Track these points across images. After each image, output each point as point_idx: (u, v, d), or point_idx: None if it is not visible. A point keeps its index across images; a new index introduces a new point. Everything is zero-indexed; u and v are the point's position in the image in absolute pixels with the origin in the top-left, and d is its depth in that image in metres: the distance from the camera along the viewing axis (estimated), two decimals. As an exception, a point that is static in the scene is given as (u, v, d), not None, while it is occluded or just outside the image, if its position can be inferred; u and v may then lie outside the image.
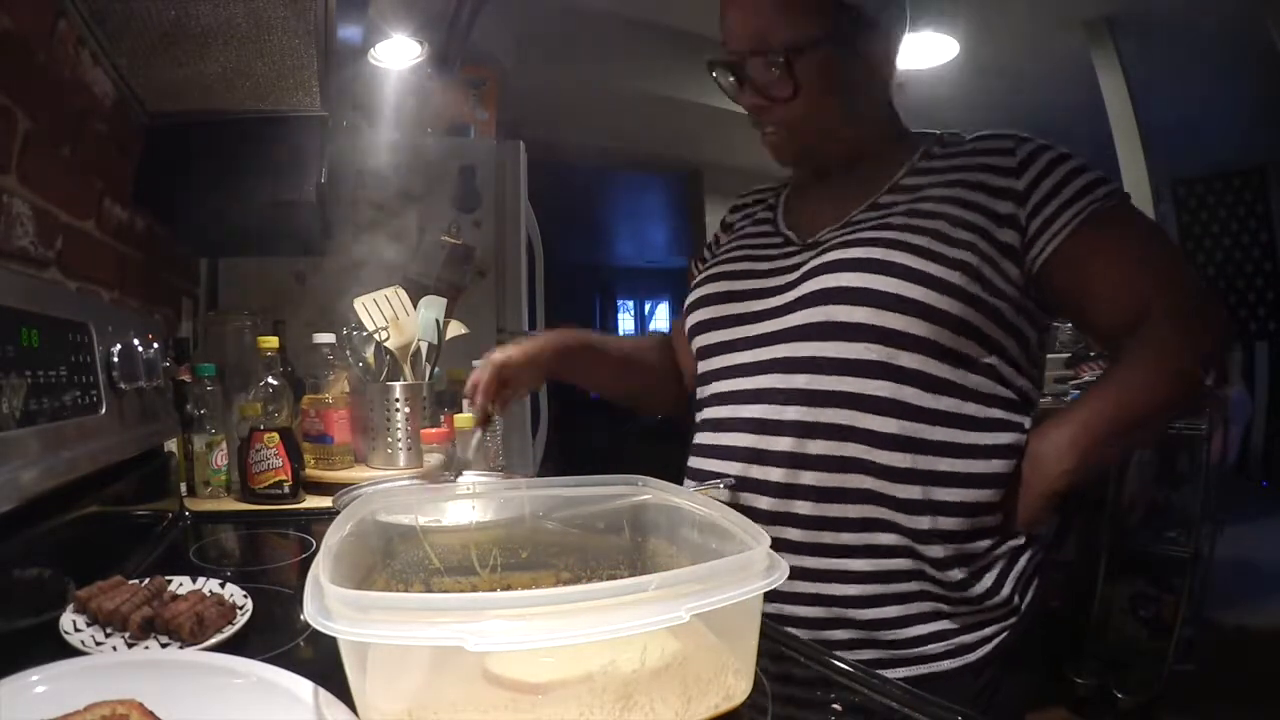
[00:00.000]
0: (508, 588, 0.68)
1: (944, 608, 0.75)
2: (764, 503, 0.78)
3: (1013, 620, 0.78)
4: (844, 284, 0.76)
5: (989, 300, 0.75)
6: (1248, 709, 1.93)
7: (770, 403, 0.79)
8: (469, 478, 1.08)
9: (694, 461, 0.88)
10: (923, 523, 0.74)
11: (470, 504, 0.74)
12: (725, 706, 0.50)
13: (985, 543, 0.76)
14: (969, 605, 0.76)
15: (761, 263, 0.87)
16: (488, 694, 0.48)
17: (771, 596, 0.76)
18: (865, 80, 0.83)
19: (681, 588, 0.45)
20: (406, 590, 0.66)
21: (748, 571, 0.48)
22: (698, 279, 0.94)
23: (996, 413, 0.77)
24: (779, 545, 0.74)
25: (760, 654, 0.53)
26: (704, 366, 0.89)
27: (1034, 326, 0.80)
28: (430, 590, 0.67)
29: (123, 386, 0.84)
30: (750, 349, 0.83)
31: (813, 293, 0.78)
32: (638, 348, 1.08)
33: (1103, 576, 2.24)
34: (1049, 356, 0.98)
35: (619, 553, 0.71)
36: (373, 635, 0.42)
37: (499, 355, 0.92)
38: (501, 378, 0.92)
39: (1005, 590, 0.77)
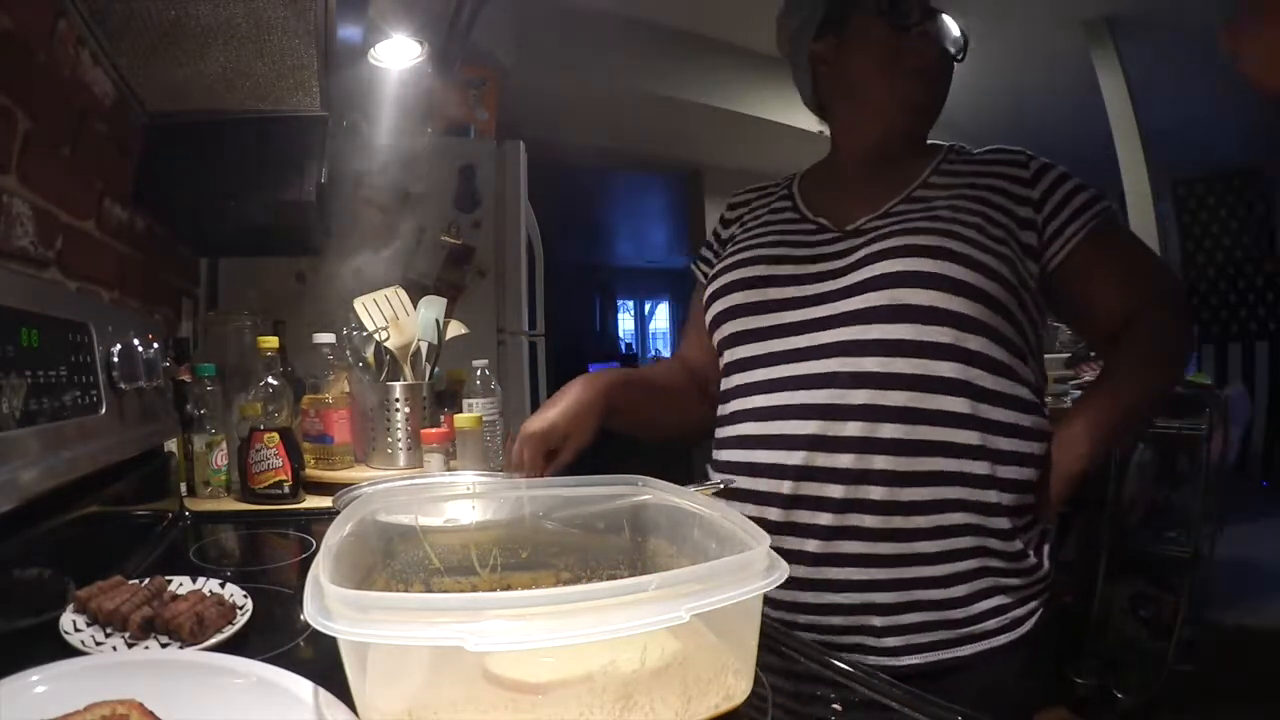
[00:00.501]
0: (508, 588, 0.68)
1: (1002, 581, 0.78)
2: (836, 490, 0.77)
3: (1048, 594, 0.83)
4: (914, 268, 0.77)
5: (1022, 293, 0.81)
6: (1248, 709, 1.93)
7: (836, 387, 0.78)
8: (469, 478, 1.08)
9: (735, 454, 0.85)
10: (990, 496, 0.76)
11: (470, 504, 0.74)
12: (725, 706, 0.50)
13: (1028, 519, 0.81)
14: (1021, 578, 0.79)
15: (799, 248, 0.86)
16: (488, 694, 0.48)
17: (846, 587, 0.78)
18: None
19: (681, 588, 0.45)
20: (406, 590, 0.66)
21: (748, 571, 0.48)
22: (720, 267, 0.92)
23: (1034, 397, 0.82)
24: (850, 533, 0.77)
25: (760, 654, 0.53)
26: (735, 354, 0.88)
27: (1042, 323, 0.86)
28: (430, 590, 0.67)
29: (123, 386, 0.84)
30: (800, 334, 0.82)
31: (877, 276, 0.79)
32: (669, 372, 1.02)
33: (1103, 576, 2.24)
34: (1048, 356, 1.03)
35: (619, 553, 0.71)
36: (373, 635, 0.42)
37: (538, 425, 0.81)
38: (543, 448, 0.81)
39: (1046, 564, 0.82)
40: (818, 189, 0.94)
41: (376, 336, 1.39)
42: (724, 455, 0.87)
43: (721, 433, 0.89)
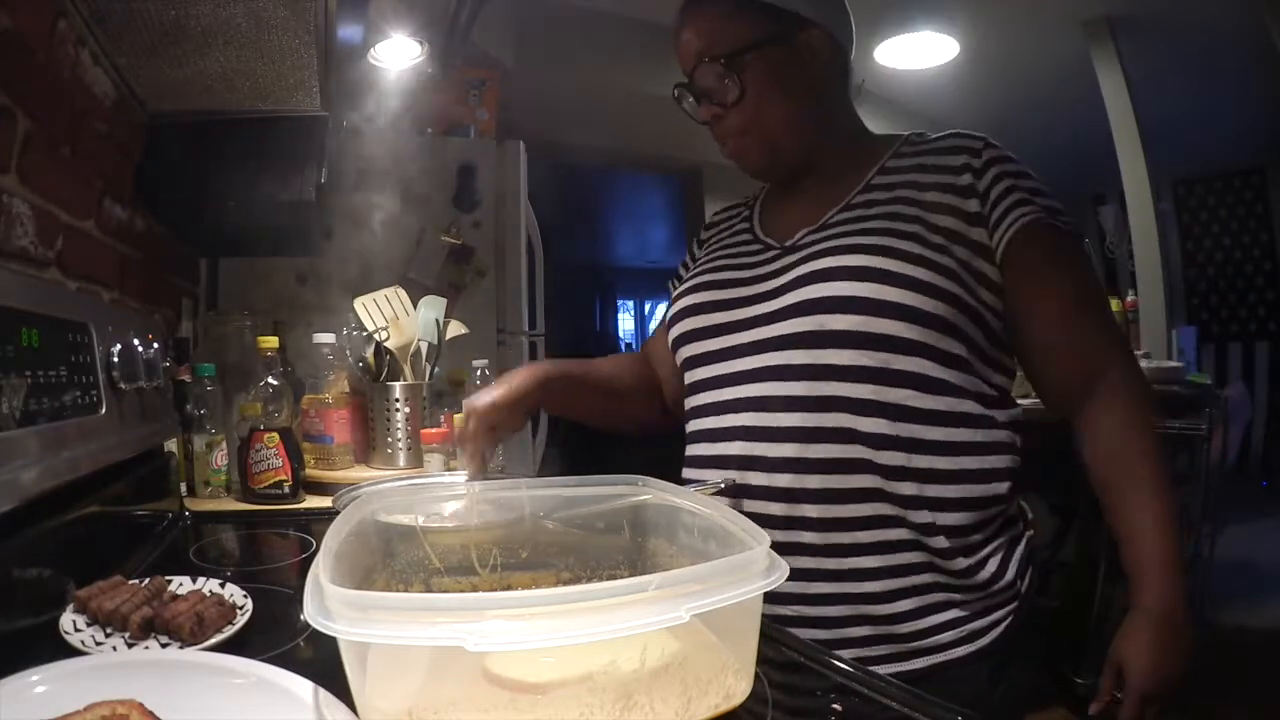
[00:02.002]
0: (508, 588, 0.68)
1: (955, 596, 0.77)
2: (773, 508, 0.78)
3: (1015, 604, 0.80)
4: (833, 293, 0.77)
5: (968, 300, 0.77)
6: (1248, 709, 1.93)
7: (767, 410, 0.79)
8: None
9: (687, 472, 0.88)
10: (922, 516, 0.75)
11: (470, 504, 0.74)
12: (725, 706, 0.50)
13: (984, 534, 0.78)
14: (977, 592, 0.78)
15: (743, 270, 0.88)
16: (488, 694, 0.48)
17: (790, 599, 0.78)
18: (815, 80, 0.85)
19: (681, 588, 0.45)
20: (406, 590, 0.66)
21: (748, 571, 0.48)
22: (678, 290, 0.95)
23: (986, 410, 0.79)
24: (792, 548, 0.76)
25: (760, 654, 0.53)
26: (691, 377, 0.90)
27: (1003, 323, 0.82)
28: (430, 590, 0.67)
29: (123, 386, 0.84)
30: (741, 357, 0.83)
31: (801, 302, 0.79)
32: (617, 368, 1.06)
33: (1103, 576, 2.24)
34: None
35: (619, 553, 0.71)
36: (373, 635, 0.42)
37: (482, 401, 0.86)
38: (488, 423, 0.87)
39: (1009, 574, 0.79)
40: (774, 203, 0.95)
41: (376, 336, 1.39)
42: (684, 473, 0.89)
43: (686, 450, 0.91)
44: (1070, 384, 0.81)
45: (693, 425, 0.89)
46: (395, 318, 1.42)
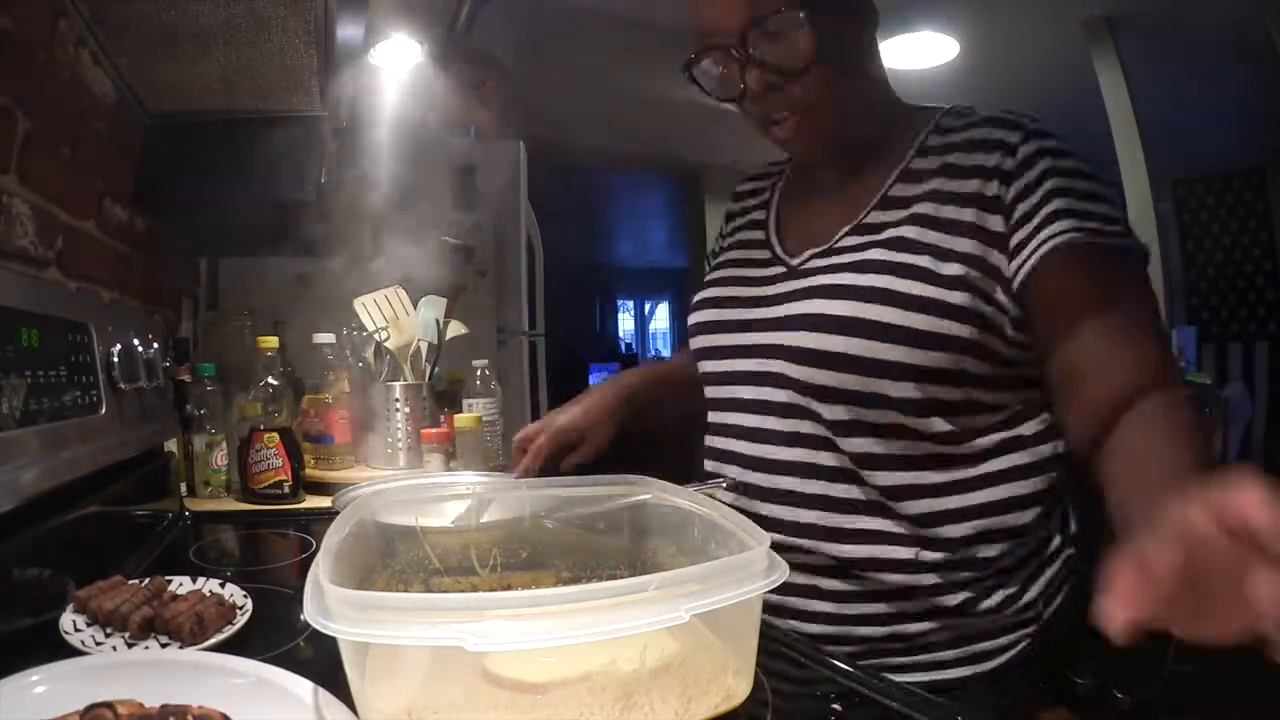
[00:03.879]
0: (508, 588, 0.68)
1: (952, 621, 0.74)
2: (777, 510, 0.77)
3: (1034, 627, 0.75)
4: (818, 340, 0.73)
5: (977, 339, 0.71)
6: (1248, 709, 1.93)
7: (770, 414, 0.79)
8: (469, 477, 1.08)
9: (707, 464, 0.88)
10: (904, 553, 0.73)
11: (470, 504, 0.74)
12: (725, 707, 0.50)
13: (991, 566, 0.74)
14: (985, 617, 0.74)
15: (751, 287, 0.85)
16: (488, 694, 0.48)
17: (788, 614, 0.76)
18: (867, 51, 0.77)
19: (681, 588, 0.45)
20: (406, 590, 0.66)
21: (748, 571, 0.48)
22: (696, 298, 0.92)
23: (994, 437, 0.74)
24: (793, 550, 0.75)
25: (760, 654, 0.53)
26: (704, 368, 0.89)
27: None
28: (430, 590, 0.67)
29: (123, 386, 0.84)
30: (745, 358, 0.82)
31: (796, 319, 0.77)
32: (686, 359, 0.98)
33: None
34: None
35: (619, 553, 0.71)
36: (373, 635, 0.42)
37: (560, 420, 0.87)
38: (559, 442, 0.86)
39: (1027, 596, 0.75)
40: (791, 199, 0.90)
41: (376, 336, 1.39)
42: (706, 465, 0.88)
43: (705, 441, 0.90)
44: (1097, 413, 0.65)
45: (710, 417, 0.88)
46: (395, 318, 1.42)
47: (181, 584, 0.70)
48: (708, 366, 0.87)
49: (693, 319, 0.91)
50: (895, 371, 0.70)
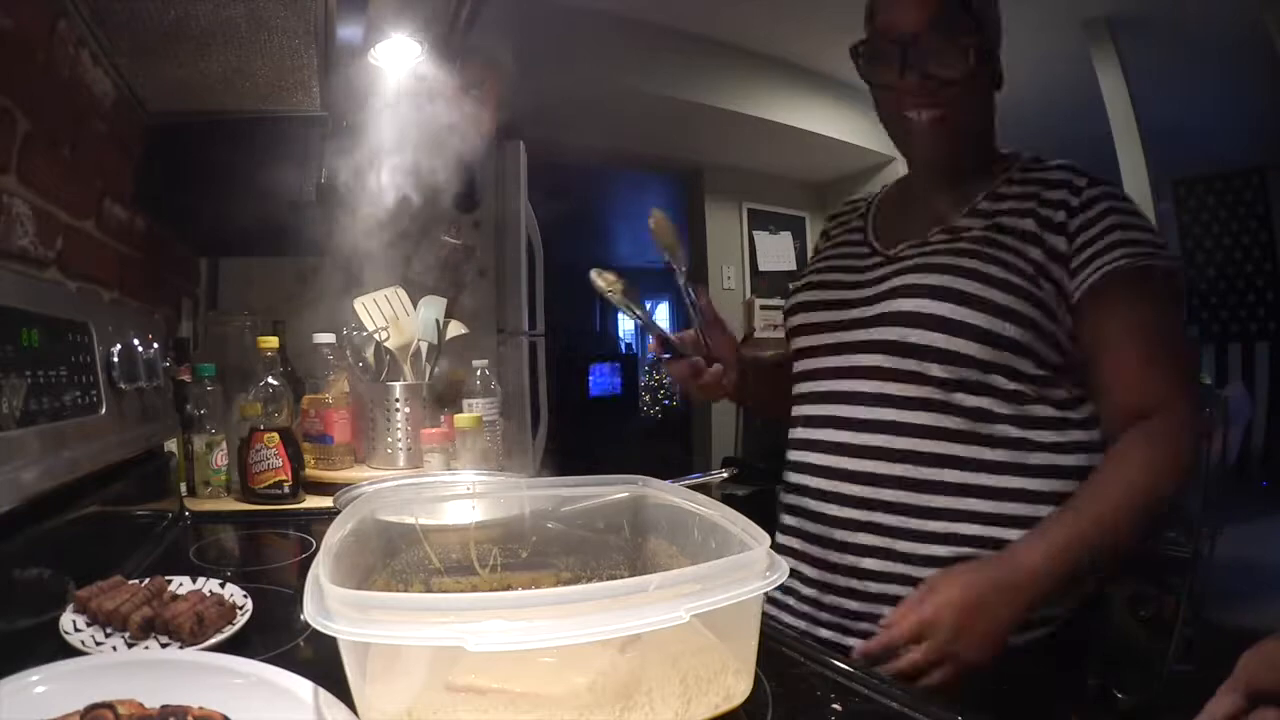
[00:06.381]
0: (508, 588, 0.68)
1: None
2: (854, 489, 0.84)
3: (1056, 625, 0.81)
4: (915, 309, 0.82)
5: (1046, 325, 0.80)
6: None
7: (859, 404, 0.85)
8: (469, 477, 1.08)
9: (790, 454, 0.94)
10: (991, 531, 0.80)
11: (470, 504, 0.74)
12: (725, 707, 0.50)
13: None
14: None
15: (850, 274, 0.93)
16: (488, 694, 0.48)
17: (867, 575, 0.83)
18: (997, 83, 0.88)
19: (681, 588, 0.45)
20: (406, 590, 0.66)
21: (747, 571, 0.48)
22: (797, 284, 1.01)
23: (1052, 435, 0.82)
24: (868, 527, 0.83)
25: (760, 654, 0.53)
26: (799, 366, 0.96)
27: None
28: (430, 590, 0.67)
29: (123, 386, 0.84)
30: (839, 354, 0.89)
31: (890, 313, 0.85)
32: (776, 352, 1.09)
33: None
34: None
35: (619, 553, 0.71)
36: (373, 635, 0.42)
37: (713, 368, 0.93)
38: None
39: None
40: (890, 205, 0.99)
41: (376, 336, 1.39)
42: (789, 455, 0.95)
43: (790, 433, 0.96)
44: (1120, 418, 0.81)
45: (797, 409, 0.95)
46: (395, 318, 1.42)
47: (181, 584, 0.70)
48: (807, 341, 0.94)
49: (794, 300, 0.98)
50: (980, 336, 0.80)
